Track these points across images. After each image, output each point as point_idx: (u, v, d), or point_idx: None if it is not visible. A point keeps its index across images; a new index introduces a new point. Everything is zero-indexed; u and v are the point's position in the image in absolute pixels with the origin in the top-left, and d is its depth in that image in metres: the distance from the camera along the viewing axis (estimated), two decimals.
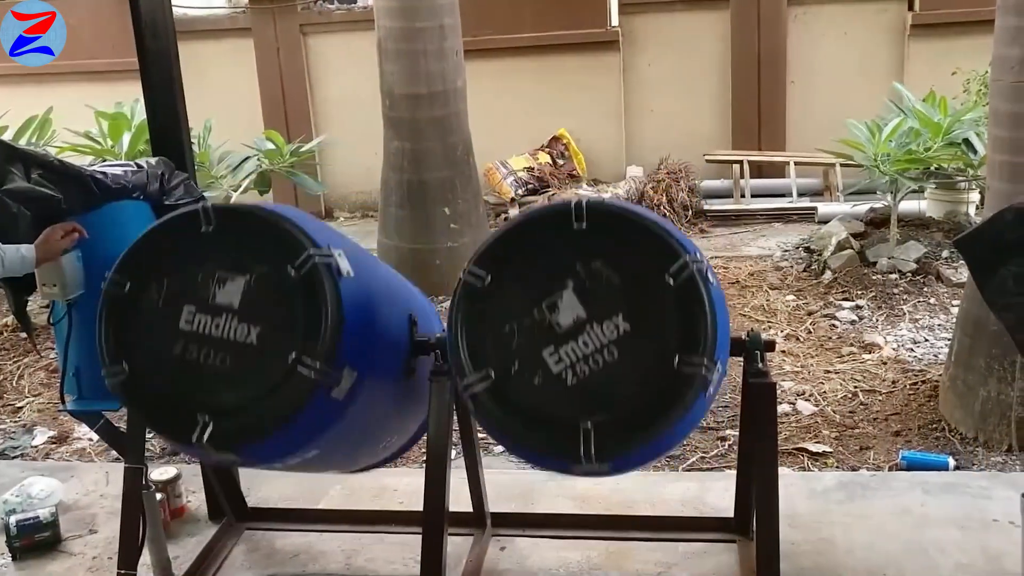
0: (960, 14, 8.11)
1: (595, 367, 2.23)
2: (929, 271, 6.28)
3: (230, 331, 2.38)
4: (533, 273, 2.31)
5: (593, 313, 2.25)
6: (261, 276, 2.39)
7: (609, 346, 2.23)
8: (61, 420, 4.92)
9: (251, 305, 2.38)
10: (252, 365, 2.36)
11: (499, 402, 2.30)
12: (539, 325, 2.27)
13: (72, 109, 7.26)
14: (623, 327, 2.23)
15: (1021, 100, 3.91)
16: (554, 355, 2.26)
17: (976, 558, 3.15)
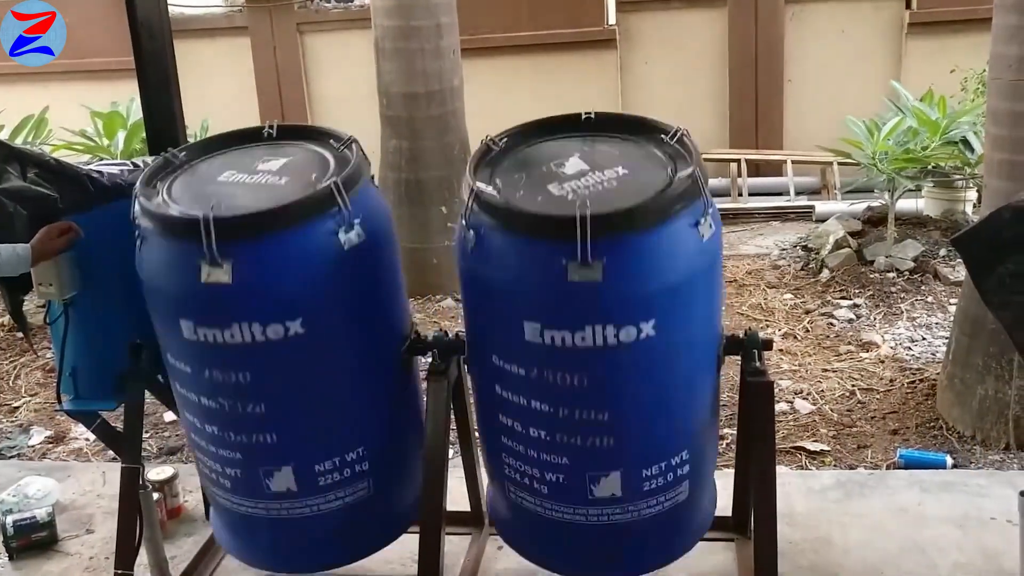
0: (958, 12, 8.12)
1: (595, 190, 2.35)
2: (927, 269, 6.28)
3: (264, 180, 2.57)
4: (544, 148, 2.55)
5: (596, 166, 2.42)
6: (302, 154, 2.67)
7: (609, 180, 2.37)
8: (58, 420, 4.91)
9: (289, 167, 2.61)
10: (280, 194, 2.50)
11: (502, 205, 2.34)
12: (546, 173, 2.43)
13: (68, 108, 7.26)
14: (622, 172, 2.40)
15: (1019, 98, 3.91)
16: (557, 187, 2.38)
17: (974, 557, 3.16)
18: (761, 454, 2.69)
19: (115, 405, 3.05)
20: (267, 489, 2.67)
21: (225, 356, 2.48)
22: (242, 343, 2.43)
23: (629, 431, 2.47)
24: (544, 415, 2.44)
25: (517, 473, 2.60)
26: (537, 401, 2.44)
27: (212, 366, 2.53)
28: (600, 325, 2.26)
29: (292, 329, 2.43)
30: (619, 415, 2.43)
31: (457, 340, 2.74)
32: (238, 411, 2.57)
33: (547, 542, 2.76)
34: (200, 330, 2.45)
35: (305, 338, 2.45)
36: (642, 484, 2.52)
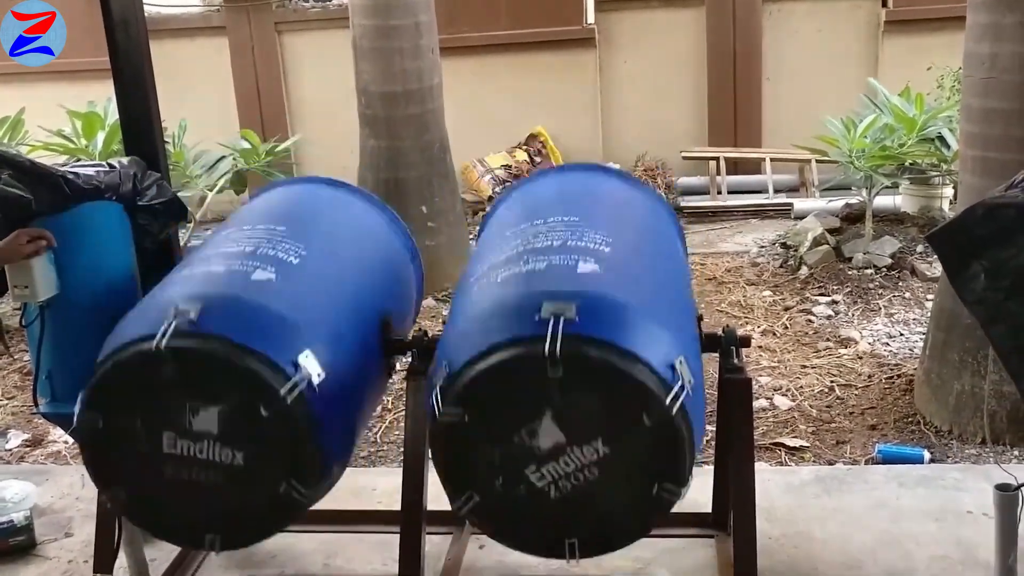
0: (933, 10, 8.18)
1: (577, 483, 2.28)
2: (904, 266, 6.33)
3: (215, 455, 2.38)
4: (509, 406, 2.28)
5: (572, 438, 2.25)
6: (234, 407, 2.36)
7: (589, 466, 2.26)
8: (35, 423, 4.88)
9: (231, 431, 2.37)
10: (245, 483, 2.39)
11: (487, 518, 2.38)
12: (519, 447, 2.27)
13: (45, 108, 7.19)
14: (603, 450, 2.25)
15: (992, 96, 3.95)
16: (536, 473, 2.29)
17: (950, 549, 3.19)
18: (740, 451, 2.70)
19: None
20: None
21: None
22: None
23: None
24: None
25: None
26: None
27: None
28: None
29: None
30: None
31: (436, 339, 2.74)
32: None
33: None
34: None
35: None
36: None
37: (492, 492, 2.30)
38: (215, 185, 6.92)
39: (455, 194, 6.93)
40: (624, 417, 2.21)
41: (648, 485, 2.25)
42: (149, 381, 2.34)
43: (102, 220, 2.99)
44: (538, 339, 2.15)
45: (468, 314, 2.45)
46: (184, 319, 2.31)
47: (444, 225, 6.63)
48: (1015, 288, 2.30)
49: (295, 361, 2.34)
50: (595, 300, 2.26)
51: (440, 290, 6.31)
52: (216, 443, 2.36)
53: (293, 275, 2.59)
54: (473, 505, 2.31)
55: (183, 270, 2.71)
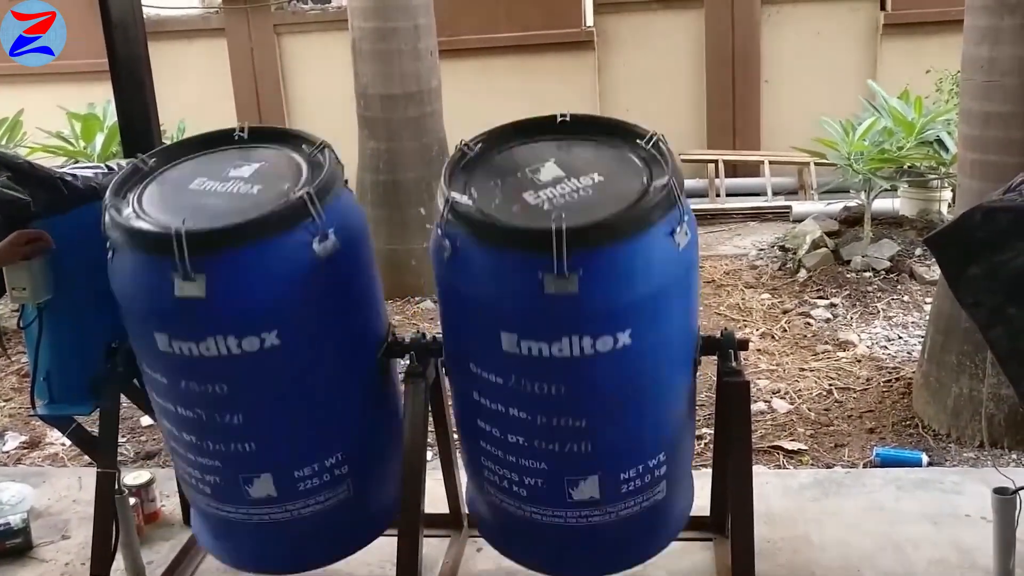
0: (931, 14, 8.20)
1: (571, 199, 2.34)
2: (902, 269, 6.33)
3: (236, 188, 2.52)
4: (519, 153, 2.50)
5: (572, 173, 2.40)
6: (274, 159, 2.60)
7: (585, 188, 2.36)
8: (33, 425, 4.87)
9: (261, 174, 2.54)
10: (252, 204, 2.45)
11: (478, 216, 2.33)
12: (521, 180, 2.40)
13: (43, 110, 7.20)
14: (598, 179, 2.38)
15: (990, 99, 3.95)
16: (533, 195, 2.36)
17: (949, 553, 3.18)
18: (738, 454, 2.70)
19: (90, 409, 3.02)
20: (247, 495, 2.66)
21: (200, 368, 2.45)
22: (217, 356, 2.40)
23: (607, 437, 2.47)
24: (522, 421, 2.45)
25: (496, 476, 2.61)
26: (515, 408, 2.44)
27: (188, 378, 2.50)
28: (576, 336, 2.27)
29: (268, 341, 2.41)
30: (596, 422, 2.44)
31: (435, 342, 2.74)
32: (215, 421, 2.55)
33: (526, 542, 2.78)
34: (175, 343, 2.43)
35: (281, 349, 2.43)
36: (620, 486, 2.53)
37: (488, 208, 2.34)
38: None
39: None
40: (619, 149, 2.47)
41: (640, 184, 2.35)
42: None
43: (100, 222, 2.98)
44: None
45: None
46: None
47: None
48: (1013, 291, 2.30)
49: None
50: None
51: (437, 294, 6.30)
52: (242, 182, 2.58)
53: None
54: (463, 207, 2.33)
55: None
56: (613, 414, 2.45)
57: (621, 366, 2.35)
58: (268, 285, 2.40)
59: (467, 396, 2.56)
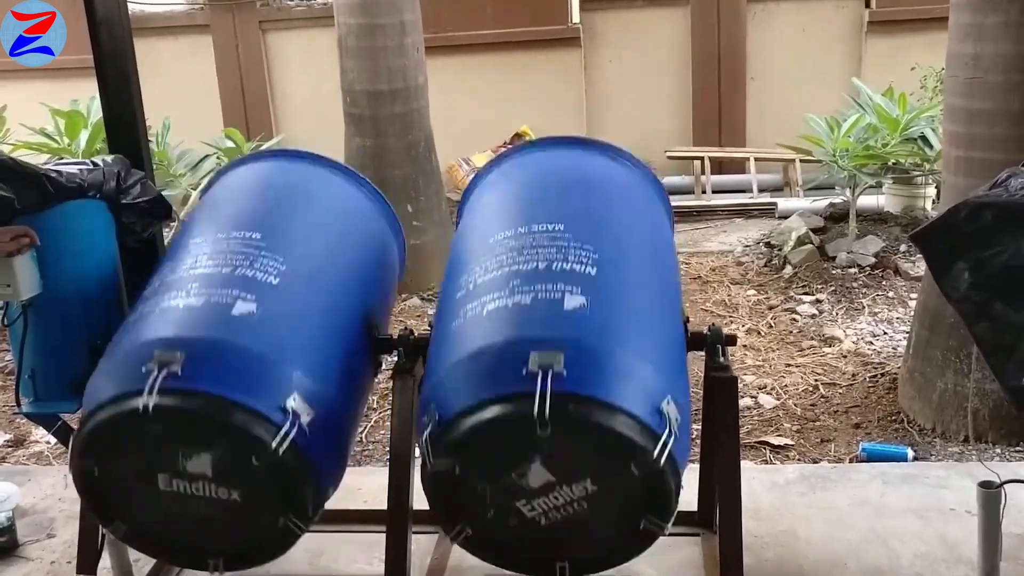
0: (916, 11, 8.23)
1: (566, 514, 2.34)
2: (887, 265, 6.36)
3: (211, 492, 2.40)
4: (499, 455, 2.32)
5: (561, 477, 2.31)
6: (226, 455, 2.37)
7: (578, 500, 2.32)
8: (18, 423, 4.84)
9: (225, 473, 2.38)
10: (243, 516, 2.43)
11: (479, 547, 2.46)
12: (510, 486, 2.33)
13: (27, 107, 7.15)
14: (591, 488, 2.31)
15: (975, 96, 3.98)
16: (527, 505, 2.34)
17: (934, 547, 3.20)
18: (726, 449, 2.71)
19: (76, 407, 2.99)
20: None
21: None
22: None
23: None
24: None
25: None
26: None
27: None
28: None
29: None
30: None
31: (422, 339, 2.74)
32: None
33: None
34: None
35: None
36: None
37: (483, 523, 2.38)
38: (199, 184, 6.88)
39: (440, 193, 6.92)
40: (612, 466, 2.28)
41: (635, 518, 2.33)
42: (138, 435, 2.36)
43: (86, 219, 2.97)
44: (527, 396, 2.18)
45: (456, 349, 2.43)
46: (168, 372, 2.30)
47: (429, 224, 6.62)
48: (999, 287, 2.32)
49: (283, 407, 2.35)
50: (581, 351, 2.28)
51: (426, 289, 6.30)
52: (211, 483, 2.38)
53: (275, 301, 2.54)
54: (466, 536, 2.41)
55: (159, 297, 2.58)
56: None
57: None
58: None
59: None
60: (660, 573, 3.13)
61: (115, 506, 2.49)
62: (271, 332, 2.48)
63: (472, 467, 2.32)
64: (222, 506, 2.39)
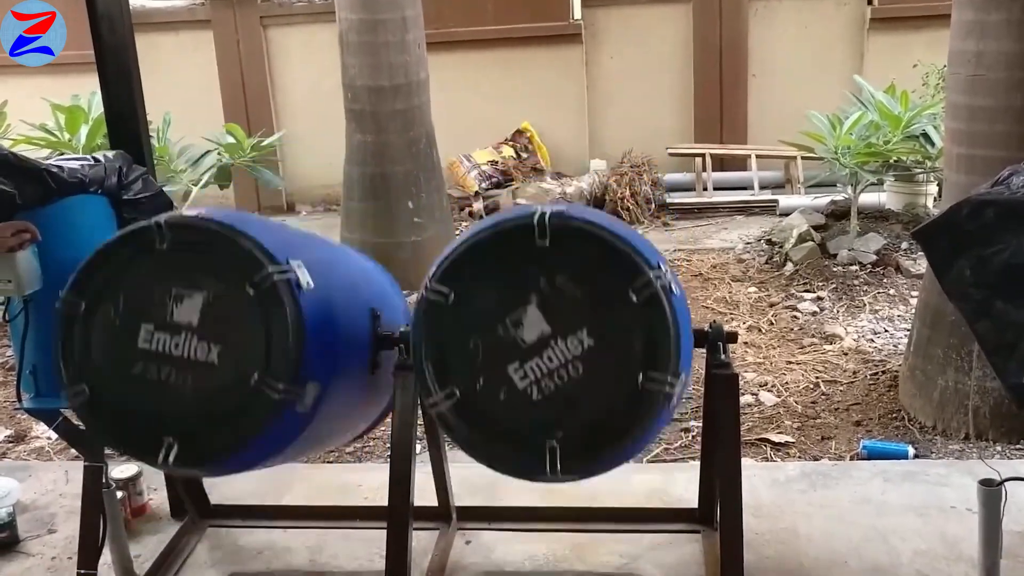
0: (918, 8, 8.22)
1: (560, 382, 2.25)
2: (889, 262, 6.36)
3: (190, 350, 2.34)
4: (496, 288, 2.30)
5: (557, 328, 2.25)
6: (219, 293, 2.34)
7: (574, 361, 2.25)
8: (19, 419, 4.85)
9: (211, 322, 2.34)
10: (215, 384, 2.34)
11: (465, 419, 2.30)
12: (503, 341, 2.27)
13: (28, 102, 7.14)
14: (587, 342, 2.24)
15: (977, 93, 3.97)
16: (519, 371, 2.27)
17: (934, 544, 3.21)
18: (726, 446, 2.70)
19: None
20: None
21: None
22: None
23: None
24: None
25: None
26: None
27: None
28: None
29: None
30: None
31: None
32: None
33: None
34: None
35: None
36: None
37: (472, 391, 2.29)
38: (200, 180, 6.88)
39: (441, 190, 6.92)
40: (609, 297, 2.24)
41: (633, 376, 2.23)
42: (139, 265, 2.37)
43: (87, 214, 2.97)
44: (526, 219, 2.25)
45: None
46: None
47: (430, 221, 6.62)
48: (1000, 284, 2.32)
49: (287, 260, 2.36)
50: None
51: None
52: (194, 336, 2.33)
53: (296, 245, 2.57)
54: (454, 402, 2.28)
55: None
56: None
57: None
58: (263, 456, 2.50)
59: None
60: (661, 570, 3.13)
61: (86, 363, 2.39)
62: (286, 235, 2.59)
63: (467, 300, 2.28)
64: (197, 369, 2.32)
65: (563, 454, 2.21)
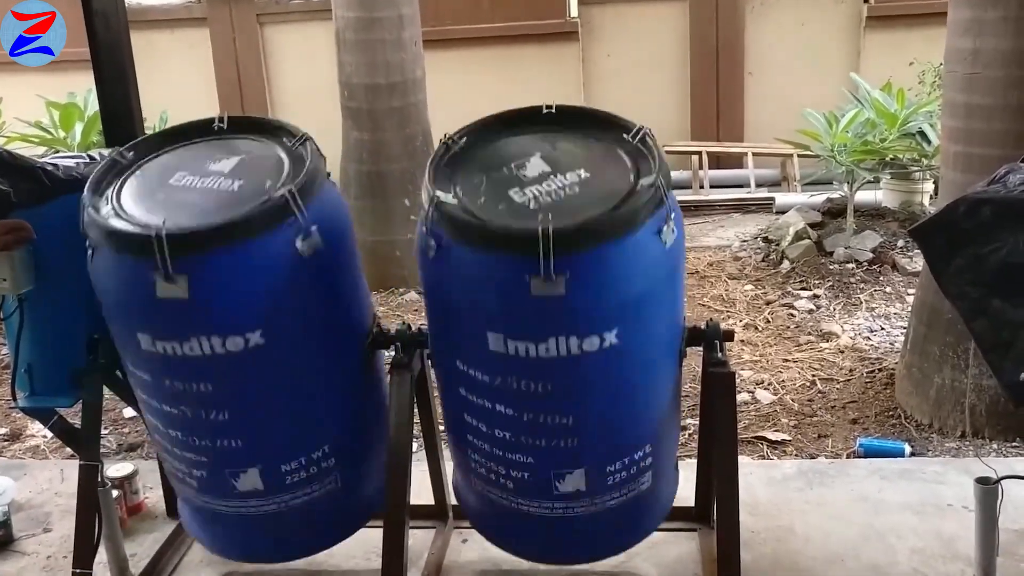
0: (915, 6, 8.24)
1: (555, 198, 2.33)
2: (885, 260, 6.36)
3: (216, 184, 2.48)
4: (504, 147, 2.48)
5: (557, 169, 2.39)
6: (256, 152, 2.57)
7: (570, 186, 2.35)
8: (14, 417, 4.84)
9: (241, 169, 2.51)
10: (233, 201, 2.43)
11: (462, 213, 2.30)
12: (507, 176, 2.39)
13: (22, 99, 7.13)
14: (584, 175, 2.37)
15: (974, 91, 3.97)
16: (519, 193, 2.35)
17: (931, 542, 3.21)
18: (723, 444, 2.70)
19: (72, 401, 3.00)
20: (234, 489, 2.65)
21: (184, 367, 2.43)
22: (201, 355, 2.39)
23: (592, 433, 2.48)
24: (508, 418, 2.45)
25: (483, 468, 2.61)
26: (501, 405, 2.44)
27: (172, 376, 2.48)
28: (563, 336, 2.27)
29: (252, 340, 2.40)
30: (582, 419, 2.44)
31: (420, 333, 2.73)
32: (201, 418, 2.54)
33: (512, 530, 2.81)
34: (157, 342, 2.41)
35: (265, 348, 2.42)
36: (606, 479, 2.54)
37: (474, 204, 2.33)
38: None
39: None
40: (605, 147, 2.45)
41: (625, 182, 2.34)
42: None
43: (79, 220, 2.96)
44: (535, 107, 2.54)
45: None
46: None
47: None
48: (997, 283, 2.31)
49: None
50: None
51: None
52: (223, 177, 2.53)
53: None
54: (448, 207, 2.30)
55: None
56: (599, 411, 2.45)
57: (608, 365, 2.35)
58: (251, 285, 2.38)
59: (454, 391, 2.56)
60: (657, 569, 3.13)
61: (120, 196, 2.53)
62: None
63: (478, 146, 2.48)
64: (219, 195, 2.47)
65: (556, 239, 2.15)
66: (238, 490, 2.64)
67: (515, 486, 2.57)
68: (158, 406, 2.59)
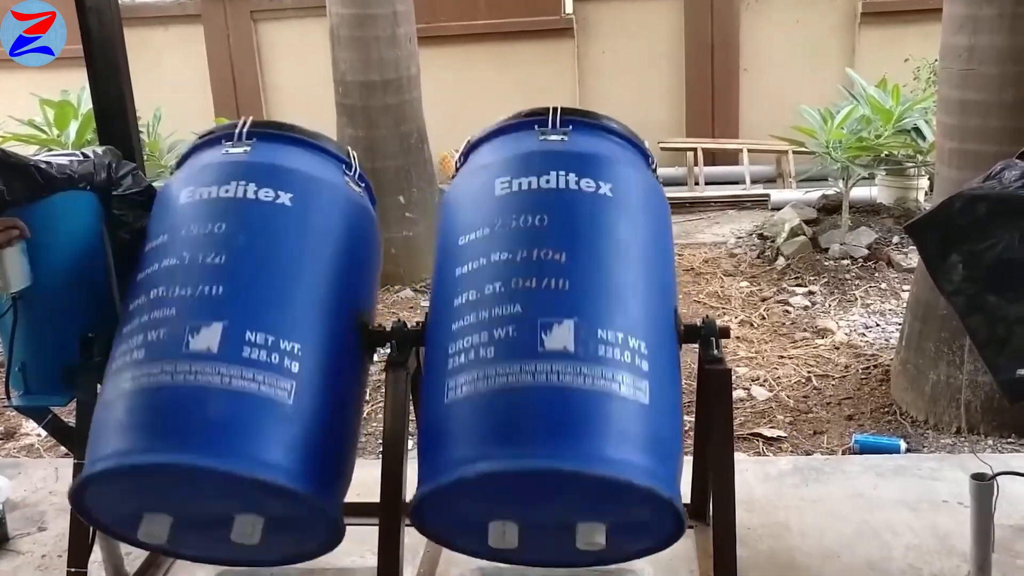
0: (910, 2, 8.26)
1: None
2: (880, 257, 6.37)
3: None
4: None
5: None
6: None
7: None
8: (8, 416, 4.82)
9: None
10: None
11: None
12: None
13: (16, 97, 7.11)
14: None
15: (969, 87, 3.97)
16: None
17: (926, 539, 3.21)
18: (719, 441, 2.70)
19: (67, 400, 2.99)
20: (184, 347, 2.41)
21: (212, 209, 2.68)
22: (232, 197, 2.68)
23: (583, 278, 2.45)
24: (502, 264, 2.47)
25: (464, 357, 2.39)
26: (497, 252, 2.50)
27: (194, 220, 2.68)
28: (563, 172, 2.62)
29: (281, 199, 2.69)
30: (574, 256, 2.48)
31: (415, 330, 2.72)
32: (197, 262, 2.55)
33: (487, 430, 2.37)
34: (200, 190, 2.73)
35: (290, 211, 2.70)
36: (597, 345, 2.33)
37: None
38: None
39: (433, 184, 6.90)
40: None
41: None
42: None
43: (76, 210, 2.94)
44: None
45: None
46: None
47: (422, 216, 6.60)
48: (992, 279, 2.32)
49: None
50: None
51: (418, 280, 6.29)
52: None
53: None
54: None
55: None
56: (592, 254, 2.51)
57: (602, 210, 2.61)
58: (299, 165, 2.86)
59: (445, 302, 2.54)
60: (653, 566, 3.12)
61: None
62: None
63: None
64: None
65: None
66: (188, 349, 2.40)
67: (496, 351, 2.34)
68: (156, 267, 2.63)
